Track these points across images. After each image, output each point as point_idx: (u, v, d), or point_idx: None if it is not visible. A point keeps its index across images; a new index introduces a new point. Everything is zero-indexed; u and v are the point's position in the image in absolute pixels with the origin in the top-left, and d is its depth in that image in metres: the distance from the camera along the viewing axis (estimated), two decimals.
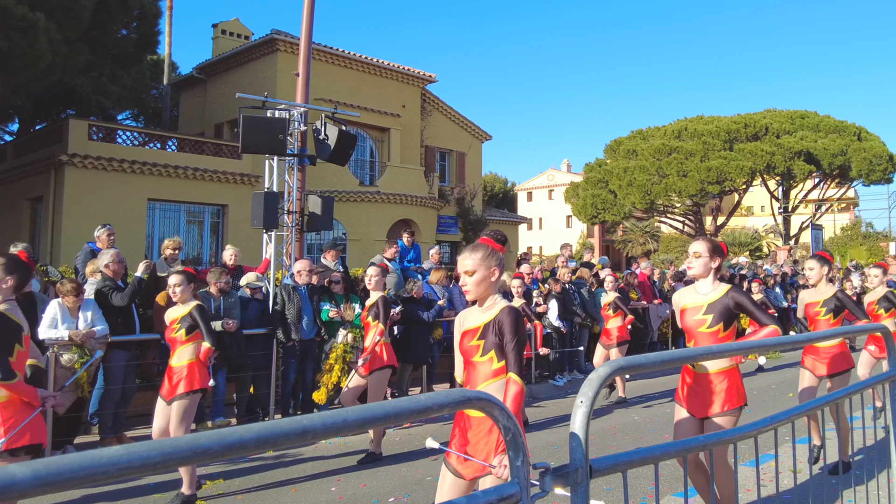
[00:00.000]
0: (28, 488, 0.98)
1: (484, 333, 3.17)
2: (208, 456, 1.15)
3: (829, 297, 5.69)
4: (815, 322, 5.76)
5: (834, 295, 5.69)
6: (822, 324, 5.68)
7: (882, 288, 6.93)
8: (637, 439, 7.13)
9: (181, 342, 5.41)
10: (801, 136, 31.20)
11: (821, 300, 5.71)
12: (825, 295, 5.72)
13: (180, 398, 5.28)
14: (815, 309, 5.75)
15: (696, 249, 4.14)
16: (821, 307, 5.69)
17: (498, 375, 3.16)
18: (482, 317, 3.22)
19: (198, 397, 5.46)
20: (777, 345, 4.48)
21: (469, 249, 3.26)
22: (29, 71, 14.97)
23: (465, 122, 29.94)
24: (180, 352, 5.41)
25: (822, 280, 5.77)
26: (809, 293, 5.89)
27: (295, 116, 9.65)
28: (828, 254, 6.16)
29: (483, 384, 3.17)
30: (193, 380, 5.34)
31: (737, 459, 2.61)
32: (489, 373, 3.18)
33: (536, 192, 62.48)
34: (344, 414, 1.34)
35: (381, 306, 6.58)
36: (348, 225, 23.21)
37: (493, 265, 3.21)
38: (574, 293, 11.37)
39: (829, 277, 5.87)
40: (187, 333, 5.40)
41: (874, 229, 48.64)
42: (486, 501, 1.59)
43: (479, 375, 3.20)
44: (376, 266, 6.87)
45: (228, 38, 26.36)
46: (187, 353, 5.41)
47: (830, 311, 5.66)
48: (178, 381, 5.31)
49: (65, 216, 17.72)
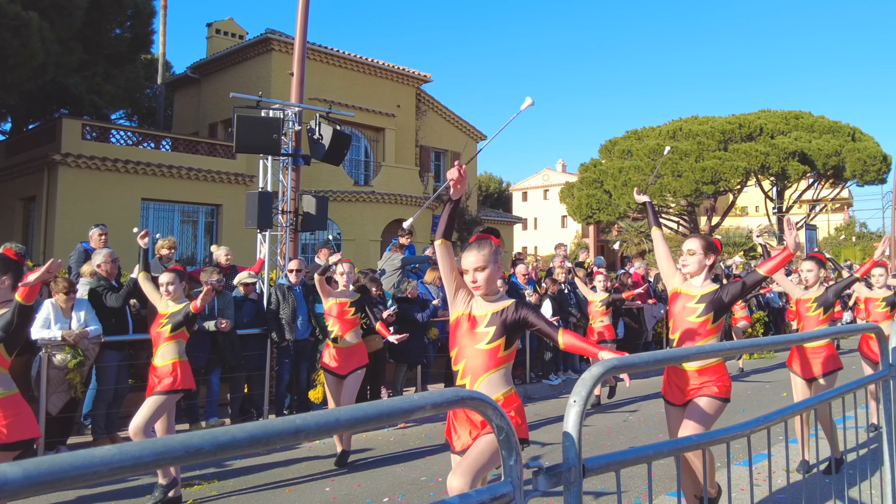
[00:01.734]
0: (19, 488, 0.97)
1: (493, 321, 3.21)
2: (201, 455, 1.15)
3: (820, 294, 5.69)
4: (806, 319, 5.74)
5: (825, 290, 5.68)
6: (812, 320, 5.67)
7: (883, 288, 6.93)
8: (631, 439, 7.15)
9: (164, 339, 5.38)
10: (796, 136, 31.26)
11: (812, 297, 5.71)
12: (818, 292, 5.73)
13: (158, 394, 5.26)
14: (805, 305, 5.74)
15: (690, 247, 4.18)
16: (812, 302, 5.69)
17: (501, 364, 3.20)
18: (490, 306, 3.27)
19: (176, 397, 5.43)
20: (768, 345, 4.50)
21: (475, 247, 3.31)
22: (22, 70, 14.91)
23: (460, 121, 29.94)
24: (163, 349, 5.38)
25: (818, 282, 5.79)
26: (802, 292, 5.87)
27: (289, 116, 9.63)
28: (822, 256, 6.17)
29: (486, 374, 3.18)
30: (177, 379, 5.31)
31: (730, 459, 2.62)
32: (494, 361, 3.20)
33: (531, 192, 62.50)
34: (337, 413, 1.34)
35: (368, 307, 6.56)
36: (343, 225, 23.19)
37: (499, 260, 3.31)
38: (570, 293, 11.38)
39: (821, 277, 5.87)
40: (172, 330, 5.37)
41: (868, 229, 48.84)
42: (479, 501, 1.59)
43: (481, 363, 3.20)
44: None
45: (223, 38, 26.30)
46: (170, 351, 5.37)
47: (821, 306, 5.64)
48: (162, 380, 5.30)
49: (58, 216, 17.66)
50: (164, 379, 5.29)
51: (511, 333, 3.21)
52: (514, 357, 3.31)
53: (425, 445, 7.02)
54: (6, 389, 3.75)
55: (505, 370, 3.22)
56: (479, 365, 3.20)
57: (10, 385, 3.80)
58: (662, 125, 34.13)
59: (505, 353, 3.21)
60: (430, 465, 6.28)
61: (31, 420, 3.91)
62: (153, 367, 5.41)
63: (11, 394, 3.78)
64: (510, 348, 3.23)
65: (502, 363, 3.21)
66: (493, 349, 3.19)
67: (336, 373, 6.53)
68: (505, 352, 3.21)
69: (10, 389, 3.79)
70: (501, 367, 3.20)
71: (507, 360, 3.23)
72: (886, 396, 3.35)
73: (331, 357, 6.54)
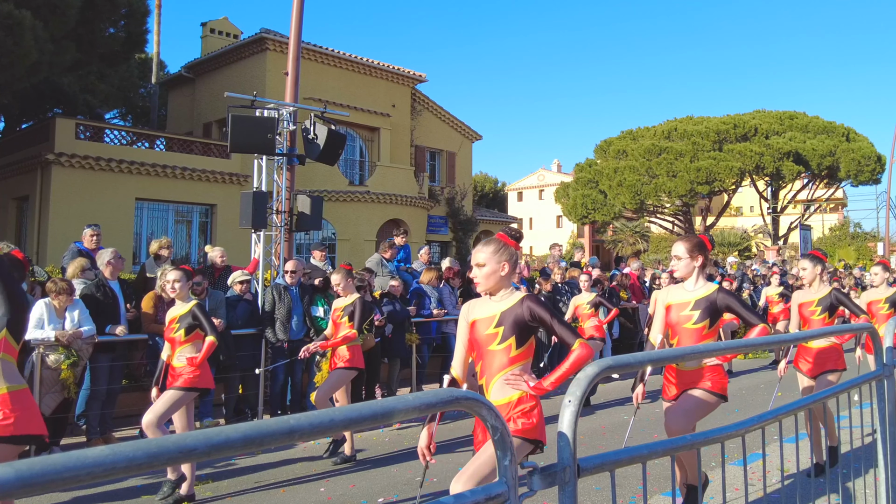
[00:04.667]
0: (11, 489, 0.96)
1: (502, 321, 3.18)
2: (195, 456, 1.14)
3: (824, 295, 5.56)
4: (809, 322, 5.62)
5: (830, 293, 5.55)
6: (816, 323, 5.54)
7: (885, 287, 6.83)
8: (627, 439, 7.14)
9: (180, 342, 5.37)
10: (790, 136, 31.37)
11: (815, 299, 5.58)
12: (820, 294, 5.59)
13: (176, 389, 5.26)
14: (809, 308, 5.62)
15: (675, 253, 4.21)
16: (816, 306, 5.56)
17: (515, 363, 3.16)
18: (497, 306, 3.24)
19: (193, 395, 5.43)
20: (765, 344, 4.50)
21: (483, 243, 3.31)
22: (15, 69, 14.84)
23: (456, 121, 29.94)
24: (180, 352, 5.38)
25: (816, 279, 5.65)
26: (803, 293, 5.76)
27: (284, 116, 9.62)
28: (821, 253, 6.06)
29: (500, 373, 3.16)
30: (197, 378, 5.32)
31: (724, 459, 2.62)
32: (506, 361, 3.17)
33: (527, 192, 62.54)
34: (331, 414, 1.33)
35: (358, 308, 6.42)
36: (338, 225, 23.16)
37: (504, 260, 3.24)
38: (567, 293, 11.40)
39: (823, 277, 5.78)
40: (187, 333, 5.36)
41: (862, 229, 49.00)
42: (474, 500, 1.59)
43: (495, 364, 3.18)
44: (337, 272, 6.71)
45: (217, 37, 26.24)
46: (189, 351, 5.37)
47: (826, 310, 5.52)
48: (181, 376, 5.30)
49: (51, 216, 17.59)
50: (183, 375, 5.29)
51: (522, 331, 3.16)
52: (530, 355, 3.23)
53: None
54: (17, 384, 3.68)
55: (521, 369, 3.17)
56: (493, 365, 3.19)
57: (19, 379, 3.73)
58: (657, 125, 34.23)
59: (518, 352, 3.17)
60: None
61: (39, 418, 3.86)
62: (172, 368, 5.41)
63: (21, 388, 3.71)
64: (522, 346, 3.18)
65: (516, 362, 3.17)
66: (505, 349, 3.17)
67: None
68: (517, 350, 3.17)
69: (20, 384, 3.72)
70: (516, 366, 3.16)
71: (522, 359, 3.18)
72: (881, 396, 3.36)
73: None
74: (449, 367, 3.45)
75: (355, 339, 6.45)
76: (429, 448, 3.14)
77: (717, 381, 4.00)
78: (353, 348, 6.51)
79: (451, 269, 10.97)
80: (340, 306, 6.55)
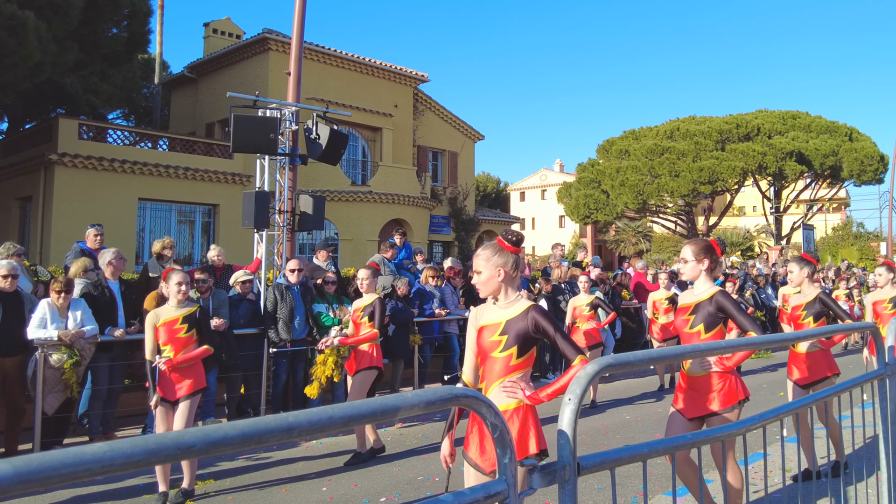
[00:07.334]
0: (9, 486, 0.96)
1: (506, 329, 3.18)
2: (193, 453, 1.14)
3: (811, 299, 5.55)
4: (798, 326, 5.62)
5: (817, 297, 5.53)
6: (804, 328, 5.53)
7: (890, 287, 6.78)
8: (628, 438, 7.14)
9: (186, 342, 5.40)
10: (793, 136, 31.28)
11: (803, 303, 5.58)
12: (808, 297, 5.58)
13: (188, 397, 5.32)
14: (797, 312, 5.63)
15: (682, 256, 4.20)
16: (803, 310, 5.57)
17: (514, 371, 3.16)
18: (503, 313, 3.24)
19: (198, 399, 5.51)
20: (764, 344, 4.49)
21: (480, 249, 3.33)
22: (18, 69, 14.86)
23: (458, 121, 29.94)
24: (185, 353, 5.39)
25: (805, 282, 5.63)
26: (795, 297, 5.78)
27: (286, 116, 9.62)
28: (811, 256, 6.03)
29: (499, 380, 3.17)
30: (199, 379, 5.42)
31: (725, 458, 2.62)
32: (506, 368, 3.18)
33: (529, 192, 62.48)
34: (330, 411, 1.33)
35: (377, 308, 6.51)
36: (340, 225, 23.17)
37: (499, 265, 3.22)
38: (568, 292, 11.39)
39: (814, 279, 5.76)
40: (194, 333, 5.41)
41: (865, 229, 48.87)
42: (474, 499, 1.58)
43: (495, 370, 3.19)
44: (366, 268, 6.82)
45: (220, 38, 26.27)
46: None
47: (811, 315, 5.51)
48: (184, 381, 5.32)
49: (54, 216, 17.62)
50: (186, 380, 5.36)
51: (525, 342, 3.17)
52: (530, 364, 3.24)
53: (422, 445, 7.02)
54: None
55: (519, 377, 3.16)
56: (493, 372, 3.21)
57: None
58: (660, 125, 34.15)
59: (518, 361, 3.17)
60: (427, 464, 6.27)
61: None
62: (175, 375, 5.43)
63: None
64: (523, 356, 3.19)
65: (516, 370, 3.17)
66: (507, 357, 3.17)
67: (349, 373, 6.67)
68: (518, 359, 3.17)
69: None
70: (515, 374, 3.16)
71: (521, 368, 3.18)
72: (882, 395, 3.35)
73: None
74: (449, 368, 3.45)
75: (377, 338, 6.55)
76: (451, 456, 3.25)
77: (728, 393, 3.92)
78: (375, 347, 6.60)
79: (453, 269, 10.98)
80: (360, 306, 6.62)
